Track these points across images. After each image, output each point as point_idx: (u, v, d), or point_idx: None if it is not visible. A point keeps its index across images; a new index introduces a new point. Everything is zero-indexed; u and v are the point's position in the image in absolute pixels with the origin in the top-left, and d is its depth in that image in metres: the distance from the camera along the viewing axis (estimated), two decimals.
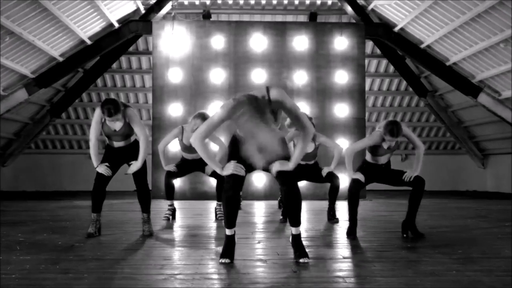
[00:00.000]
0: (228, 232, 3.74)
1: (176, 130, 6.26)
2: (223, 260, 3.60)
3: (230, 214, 3.70)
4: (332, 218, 6.14)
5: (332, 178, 6.16)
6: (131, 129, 4.87)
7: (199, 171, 6.45)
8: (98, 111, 4.76)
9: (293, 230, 3.74)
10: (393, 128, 4.59)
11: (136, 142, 4.98)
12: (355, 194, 4.89)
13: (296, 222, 3.72)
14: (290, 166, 3.62)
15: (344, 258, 3.82)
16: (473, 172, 13.76)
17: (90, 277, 3.15)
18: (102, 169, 4.80)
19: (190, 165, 6.38)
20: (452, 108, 12.54)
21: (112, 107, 4.61)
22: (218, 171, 3.66)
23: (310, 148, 6.12)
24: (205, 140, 3.72)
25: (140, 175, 4.97)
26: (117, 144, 4.94)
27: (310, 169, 6.25)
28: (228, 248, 3.69)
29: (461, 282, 3.01)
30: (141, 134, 4.85)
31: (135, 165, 4.89)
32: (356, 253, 4.04)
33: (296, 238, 3.73)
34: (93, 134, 4.85)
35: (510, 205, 8.64)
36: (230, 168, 3.60)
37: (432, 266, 3.44)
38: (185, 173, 6.48)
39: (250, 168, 3.72)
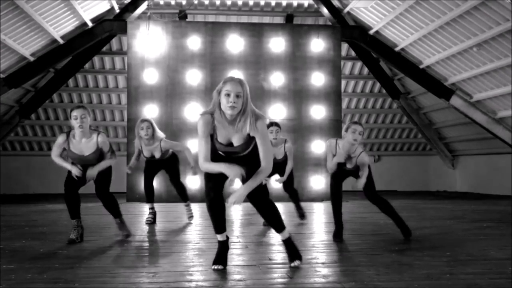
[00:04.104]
0: (219, 237, 3.66)
1: (136, 148, 6.22)
2: (215, 267, 3.53)
3: (216, 218, 3.58)
4: (302, 216, 6.30)
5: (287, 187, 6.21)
6: (101, 156, 4.69)
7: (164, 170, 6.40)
8: (62, 137, 4.62)
9: (280, 236, 3.72)
10: (354, 121, 4.74)
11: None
12: (335, 193, 4.94)
13: (279, 229, 3.70)
14: (236, 200, 3.35)
15: (335, 262, 3.81)
16: (443, 172, 14.08)
17: (82, 286, 3.04)
18: (74, 169, 4.61)
19: (155, 165, 6.28)
20: (424, 110, 12.79)
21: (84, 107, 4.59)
22: (223, 169, 3.36)
23: (279, 155, 6.06)
24: (208, 161, 3.45)
25: (100, 183, 4.79)
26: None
27: (280, 165, 6.15)
28: (221, 254, 3.62)
29: (458, 285, 3.04)
30: (110, 157, 4.76)
31: (91, 171, 4.65)
32: (346, 257, 4.04)
33: (285, 242, 3.71)
34: (54, 156, 4.69)
35: (483, 205, 8.86)
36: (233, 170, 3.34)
37: (425, 269, 3.46)
38: (154, 173, 6.39)
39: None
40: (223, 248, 3.63)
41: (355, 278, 3.24)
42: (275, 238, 5.09)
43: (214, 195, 3.49)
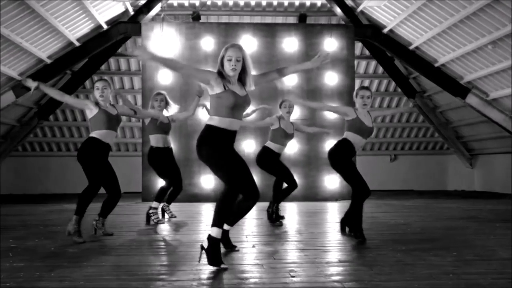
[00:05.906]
0: (218, 234, 3.68)
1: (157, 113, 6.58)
2: (223, 266, 3.55)
3: (229, 211, 3.74)
4: (278, 218, 6.24)
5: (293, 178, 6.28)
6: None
7: (169, 163, 6.63)
8: (91, 102, 5.02)
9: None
10: (362, 86, 5.29)
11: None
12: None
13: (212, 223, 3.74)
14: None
15: (341, 261, 3.83)
16: (461, 172, 13.89)
17: (87, 284, 3.11)
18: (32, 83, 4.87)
19: (162, 159, 6.60)
20: (440, 108, 12.65)
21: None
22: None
23: (291, 129, 6.43)
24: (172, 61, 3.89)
25: (115, 178, 5.06)
26: (107, 138, 4.99)
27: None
28: (219, 252, 3.65)
29: (459, 285, 3.03)
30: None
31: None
32: (351, 256, 4.05)
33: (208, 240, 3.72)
34: (71, 100, 5.26)
35: (499, 205, 8.74)
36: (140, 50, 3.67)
37: (428, 269, 3.46)
38: (165, 169, 6.62)
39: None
40: (219, 245, 3.67)
41: (356, 278, 3.26)
42: (282, 238, 5.11)
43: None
